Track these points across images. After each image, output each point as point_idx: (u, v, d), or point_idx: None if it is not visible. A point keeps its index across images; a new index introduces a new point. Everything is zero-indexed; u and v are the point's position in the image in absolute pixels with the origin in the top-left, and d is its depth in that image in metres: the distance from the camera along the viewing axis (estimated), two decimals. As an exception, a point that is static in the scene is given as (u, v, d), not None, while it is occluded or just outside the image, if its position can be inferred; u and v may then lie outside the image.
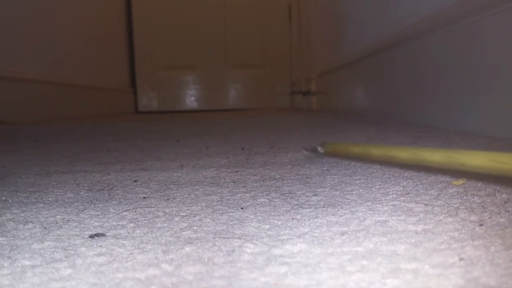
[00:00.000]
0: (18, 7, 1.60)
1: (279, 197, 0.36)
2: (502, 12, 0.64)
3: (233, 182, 0.42)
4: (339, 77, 1.75)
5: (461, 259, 0.21)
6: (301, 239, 0.25)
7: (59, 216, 0.32)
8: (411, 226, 0.27)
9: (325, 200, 0.34)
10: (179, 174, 0.47)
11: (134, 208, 0.34)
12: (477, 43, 0.71)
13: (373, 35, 1.26)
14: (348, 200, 0.34)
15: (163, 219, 0.31)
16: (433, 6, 0.86)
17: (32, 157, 0.64)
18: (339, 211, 0.31)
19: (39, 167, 0.54)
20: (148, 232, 0.28)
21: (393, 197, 0.34)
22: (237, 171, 0.48)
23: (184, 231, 0.28)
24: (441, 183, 0.37)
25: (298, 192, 0.37)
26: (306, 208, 0.32)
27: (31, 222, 0.30)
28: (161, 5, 2.76)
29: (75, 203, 0.36)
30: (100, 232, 0.28)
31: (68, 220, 0.31)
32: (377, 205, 0.32)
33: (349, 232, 0.26)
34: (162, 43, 2.78)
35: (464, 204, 0.30)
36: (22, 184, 0.45)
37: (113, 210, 0.33)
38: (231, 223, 0.29)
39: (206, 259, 0.23)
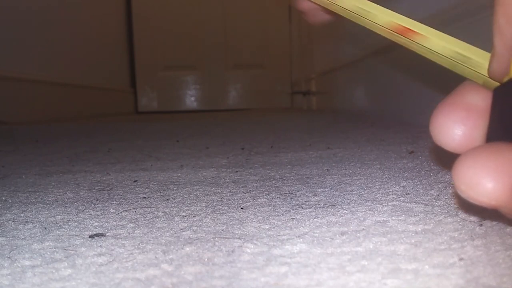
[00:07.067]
0: (17, 7, 1.60)
1: (279, 197, 0.36)
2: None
3: (233, 182, 0.42)
4: (339, 77, 1.75)
5: (461, 259, 0.21)
6: (301, 239, 0.25)
7: (59, 216, 0.32)
8: (411, 226, 0.27)
9: (325, 200, 0.34)
10: (179, 174, 0.47)
11: (134, 208, 0.34)
12: (476, 43, 0.71)
13: (373, 34, 1.26)
14: (348, 200, 0.34)
15: (163, 219, 0.31)
16: (433, 6, 0.86)
17: (32, 157, 0.64)
18: (339, 211, 0.31)
19: (39, 167, 0.54)
20: (148, 232, 0.28)
21: (393, 197, 0.34)
22: (237, 171, 0.48)
23: (184, 231, 0.28)
24: (441, 183, 0.37)
25: (298, 192, 0.37)
26: (306, 208, 0.32)
27: (31, 222, 0.30)
28: (161, 5, 2.76)
29: (75, 203, 0.36)
30: (100, 232, 0.28)
31: (68, 220, 0.31)
32: (377, 205, 0.32)
33: (349, 232, 0.26)
34: (162, 43, 2.78)
35: (464, 204, 0.30)
36: (22, 184, 0.45)
37: (113, 210, 0.33)
38: (231, 223, 0.29)
39: (206, 259, 0.23)
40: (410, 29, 0.23)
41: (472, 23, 0.72)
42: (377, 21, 0.24)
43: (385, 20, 0.24)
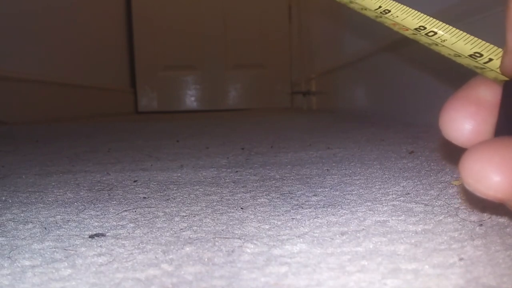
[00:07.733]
0: (17, 8, 1.60)
1: (279, 197, 0.36)
2: (502, 12, 0.64)
3: (233, 182, 0.42)
4: (339, 77, 1.75)
5: (461, 259, 0.21)
6: (301, 239, 0.25)
7: (59, 216, 0.32)
8: (411, 226, 0.27)
9: (325, 200, 0.34)
10: (179, 174, 0.47)
11: (134, 208, 0.34)
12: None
13: (373, 34, 1.27)
14: (348, 200, 0.34)
15: (163, 219, 0.31)
16: (433, 6, 0.86)
17: (32, 157, 0.64)
18: (339, 211, 0.31)
19: (39, 167, 0.54)
20: (148, 232, 0.28)
21: (393, 197, 0.34)
22: (237, 171, 0.48)
23: (184, 231, 0.28)
24: (441, 183, 0.37)
25: (298, 192, 0.37)
26: (306, 208, 0.32)
27: (31, 222, 0.30)
28: (161, 5, 2.76)
29: (75, 203, 0.36)
30: (100, 232, 0.28)
31: (68, 220, 0.31)
32: (377, 205, 0.32)
33: (349, 232, 0.26)
34: (162, 43, 2.78)
35: (464, 204, 0.30)
36: (22, 184, 0.45)
37: (113, 210, 0.33)
38: (231, 223, 0.29)
39: (206, 259, 0.23)
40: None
41: (472, 23, 0.72)
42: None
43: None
